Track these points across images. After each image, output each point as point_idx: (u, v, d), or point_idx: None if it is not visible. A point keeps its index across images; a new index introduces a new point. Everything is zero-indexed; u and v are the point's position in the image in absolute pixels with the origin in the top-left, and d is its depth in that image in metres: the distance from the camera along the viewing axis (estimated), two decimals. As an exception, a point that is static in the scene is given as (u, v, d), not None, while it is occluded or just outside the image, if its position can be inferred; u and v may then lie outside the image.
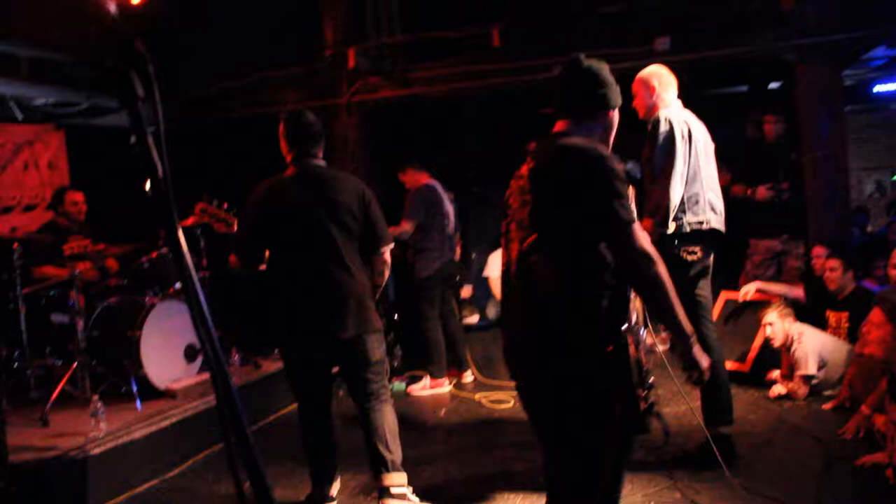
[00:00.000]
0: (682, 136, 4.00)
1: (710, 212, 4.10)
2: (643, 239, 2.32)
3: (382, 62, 7.21)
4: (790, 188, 6.17)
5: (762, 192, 6.24)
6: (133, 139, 1.41)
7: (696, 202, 4.04)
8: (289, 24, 7.38)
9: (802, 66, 6.12)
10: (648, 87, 4.22)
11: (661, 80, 4.24)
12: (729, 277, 6.71)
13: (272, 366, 6.02)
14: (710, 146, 4.24)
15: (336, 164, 7.06)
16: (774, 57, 6.26)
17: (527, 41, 6.62)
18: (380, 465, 3.77)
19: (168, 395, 5.22)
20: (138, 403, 4.99)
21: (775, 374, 5.49)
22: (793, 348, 5.27)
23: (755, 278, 6.20)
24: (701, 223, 4.05)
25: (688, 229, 4.02)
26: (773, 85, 9.26)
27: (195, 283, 1.39)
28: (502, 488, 4.09)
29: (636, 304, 2.50)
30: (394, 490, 3.72)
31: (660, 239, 3.88)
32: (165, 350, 5.40)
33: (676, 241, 4.00)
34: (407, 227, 6.10)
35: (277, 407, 5.80)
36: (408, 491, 3.77)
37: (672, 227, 3.98)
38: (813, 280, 5.92)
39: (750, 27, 6.13)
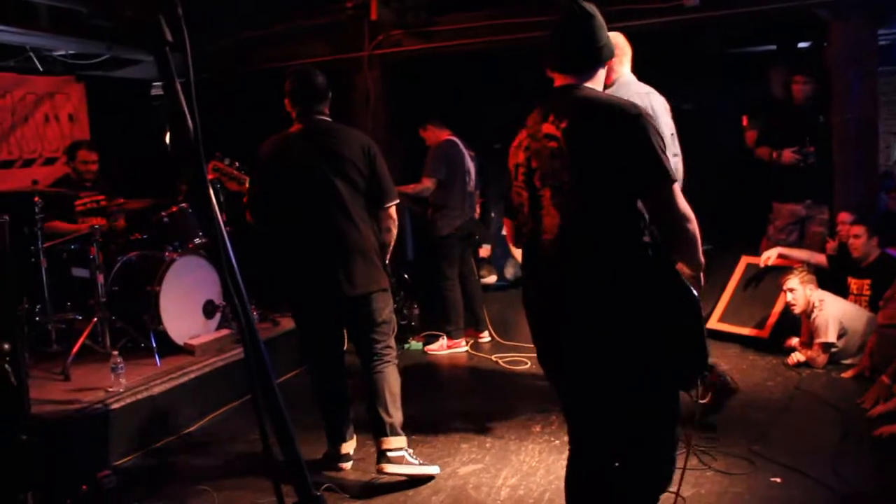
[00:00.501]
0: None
1: None
2: (682, 198, 2.30)
3: (406, 15, 7.09)
4: (816, 152, 6.05)
5: (788, 155, 6.12)
6: (162, 88, 1.35)
7: None
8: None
9: (837, 23, 5.94)
10: None
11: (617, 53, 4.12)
12: (750, 241, 6.65)
13: (290, 323, 6.02)
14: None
15: (356, 119, 7.02)
16: (808, 13, 6.09)
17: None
18: (379, 429, 3.78)
19: (186, 350, 5.25)
20: (157, 359, 5.03)
21: (794, 341, 5.45)
22: (813, 315, 5.22)
23: (777, 243, 6.12)
24: None
25: None
26: (803, 45, 9.07)
27: (224, 236, 1.37)
28: (518, 448, 4.12)
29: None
30: (391, 454, 3.74)
31: None
32: (184, 306, 5.42)
33: None
34: (428, 183, 6.05)
35: (296, 363, 5.81)
36: (407, 454, 3.77)
37: None
38: (836, 246, 5.84)
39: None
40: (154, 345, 5.09)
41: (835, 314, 5.17)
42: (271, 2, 7.26)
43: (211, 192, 1.40)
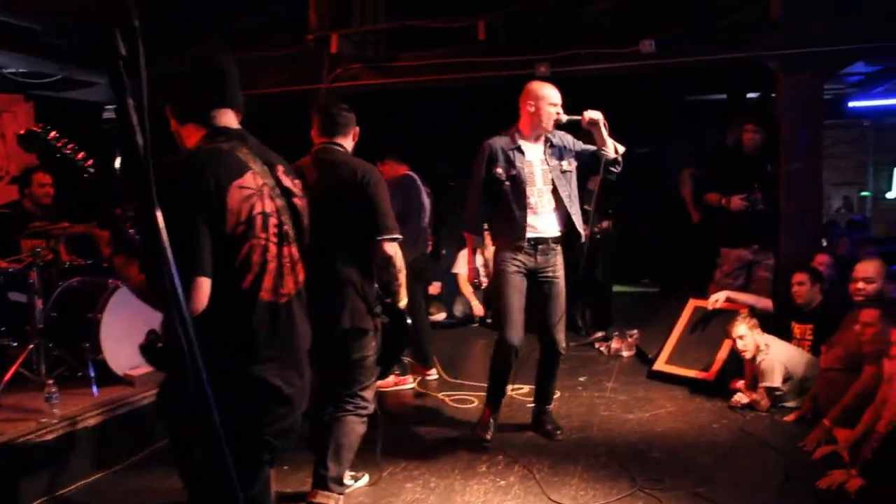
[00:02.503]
0: None
1: None
2: None
3: (365, 49, 7.13)
4: (764, 199, 6.19)
5: (736, 201, 6.25)
6: (114, 105, 1.29)
7: None
8: (274, 5, 7.27)
9: (786, 76, 6.13)
10: None
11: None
12: (698, 285, 6.75)
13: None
14: None
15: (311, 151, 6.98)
16: (759, 65, 6.27)
17: (513, 36, 6.57)
18: (314, 477, 3.72)
19: (126, 381, 5.08)
20: (95, 389, 4.86)
21: (739, 383, 5.50)
22: (759, 359, 5.28)
23: (724, 287, 6.22)
24: None
25: None
26: (752, 95, 9.34)
27: (170, 263, 1.32)
28: (464, 489, 4.05)
29: None
30: None
31: None
32: (126, 335, 5.24)
33: None
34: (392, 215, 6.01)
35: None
36: None
37: None
38: (781, 292, 5.95)
39: (736, 34, 6.13)
40: (92, 374, 4.91)
41: (780, 358, 5.23)
42: (231, 30, 7.22)
43: (159, 215, 1.34)
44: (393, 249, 3.70)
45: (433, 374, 6.34)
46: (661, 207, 7.55)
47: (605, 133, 4.46)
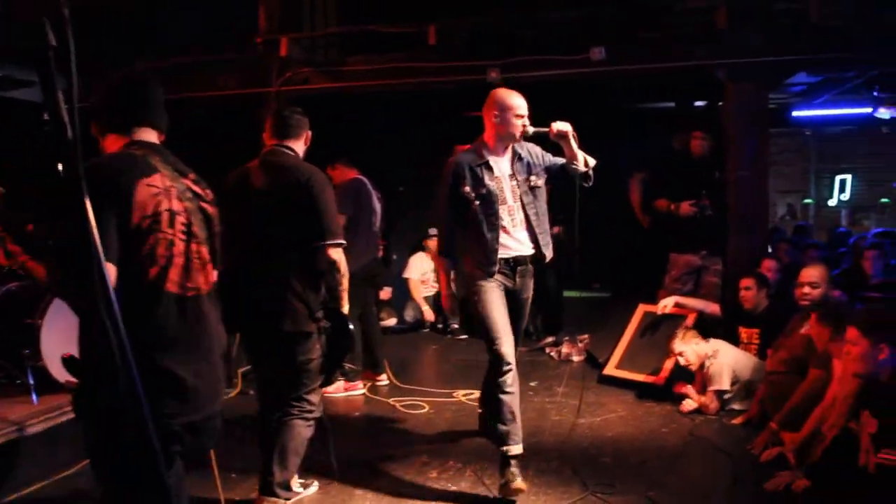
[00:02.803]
0: None
1: None
2: None
3: (315, 53, 7.06)
4: (712, 205, 6.27)
5: (685, 207, 6.33)
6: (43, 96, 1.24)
7: None
8: (223, 8, 7.16)
9: (732, 84, 6.24)
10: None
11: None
12: (647, 291, 6.81)
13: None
14: None
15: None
16: (707, 74, 6.37)
17: (463, 42, 6.57)
18: (262, 482, 3.70)
19: (67, 389, 4.94)
20: (34, 397, 4.72)
21: (686, 388, 5.54)
22: (707, 364, 5.33)
23: (673, 292, 6.28)
24: None
25: None
26: (699, 103, 9.48)
27: (102, 265, 1.27)
28: (415, 494, 4.01)
29: None
30: None
31: None
32: (67, 341, 5.10)
33: None
34: (338, 220, 5.94)
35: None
36: None
37: None
38: (729, 297, 6.03)
39: (685, 44, 6.22)
40: (32, 382, 4.77)
41: (728, 362, 5.30)
42: (179, 32, 7.11)
43: (92, 215, 1.29)
44: (337, 254, 3.63)
45: (384, 380, 6.29)
46: (613, 213, 7.60)
47: (574, 145, 4.12)
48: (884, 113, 9.65)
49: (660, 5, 6.48)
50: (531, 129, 4.10)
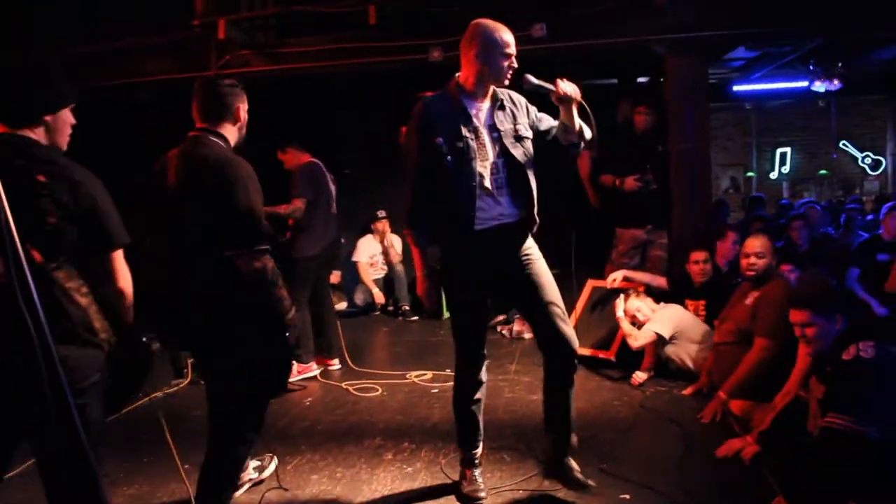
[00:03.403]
0: None
1: None
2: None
3: (254, 35, 6.93)
4: (656, 179, 6.34)
5: (630, 182, 6.38)
6: None
7: None
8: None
9: (672, 59, 6.30)
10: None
11: None
12: (595, 266, 6.86)
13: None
14: None
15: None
16: (646, 49, 6.41)
17: (404, 20, 6.51)
18: None
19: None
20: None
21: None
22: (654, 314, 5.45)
23: (620, 267, 6.34)
24: None
25: None
26: (641, 80, 9.56)
27: (22, 263, 1.22)
28: (370, 478, 4.00)
29: None
30: None
31: None
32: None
33: None
34: (299, 203, 5.86)
35: (136, 397, 5.49)
36: None
37: None
38: (675, 269, 6.12)
39: (624, 19, 6.25)
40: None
41: (671, 315, 5.42)
42: (114, 16, 6.91)
43: (6, 206, 1.24)
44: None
45: (336, 364, 6.25)
46: (560, 190, 7.64)
47: (575, 112, 3.47)
48: (819, 86, 9.86)
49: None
50: (534, 80, 3.46)
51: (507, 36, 3.41)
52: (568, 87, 3.42)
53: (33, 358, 1.27)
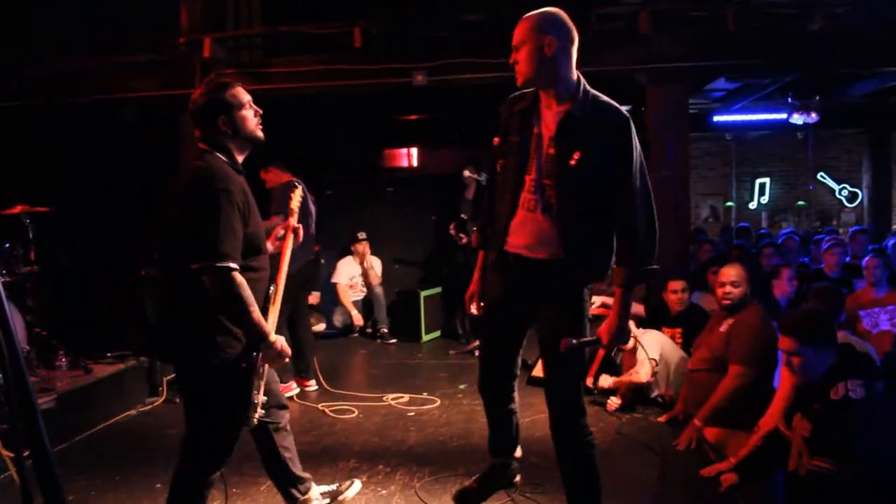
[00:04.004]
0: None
1: None
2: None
3: (240, 54, 6.96)
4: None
5: (609, 209, 6.42)
6: None
7: None
8: (145, 6, 7.00)
9: (653, 88, 6.37)
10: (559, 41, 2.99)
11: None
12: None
13: (104, 370, 5.65)
14: None
15: (185, 157, 6.76)
16: (629, 77, 6.49)
17: (389, 44, 6.56)
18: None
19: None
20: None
21: (609, 381, 5.60)
22: (637, 341, 5.45)
23: (599, 293, 6.36)
24: None
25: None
26: (624, 108, 9.65)
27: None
28: (344, 499, 3.97)
29: None
30: None
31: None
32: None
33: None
34: (276, 220, 5.86)
35: (110, 414, 5.45)
36: None
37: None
38: (653, 297, 6.15)
39: (607, 48, 6.33)
40: None
41: (655, 339, 5.44)
42: (100, 32, 6.92)
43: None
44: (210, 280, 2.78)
45: (312, 385, 6.22)
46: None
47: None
48: (797, 119, 9.99)
49: (584, 9, 6.57)
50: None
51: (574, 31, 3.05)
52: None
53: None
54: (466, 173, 8.12)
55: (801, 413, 3.35)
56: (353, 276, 8.92)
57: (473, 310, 3.59)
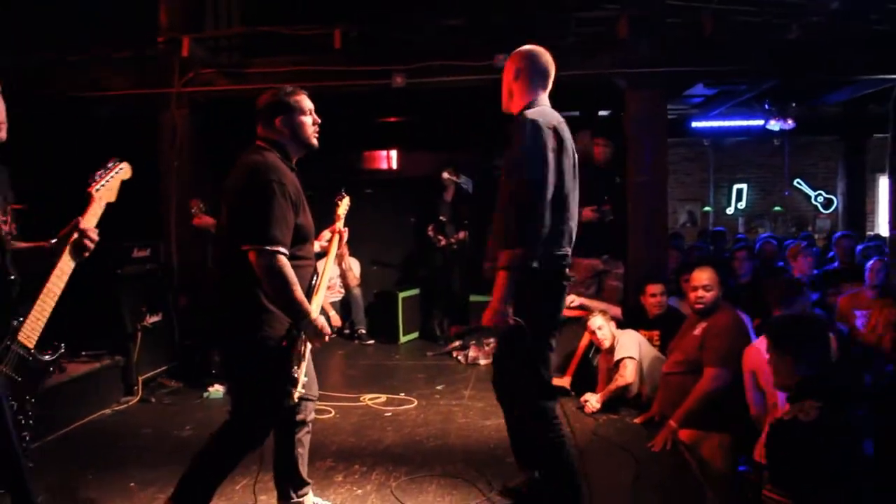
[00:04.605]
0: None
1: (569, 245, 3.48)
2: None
3: (219, 54, 6.93)
4: (613, 210, 6.43)
5: (587, 213, 6.45)
6: None
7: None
8: (123, 2, 6.95)
9: (632, 92, 6.41)
10: (529, 72, 3.55)
11: (549, 70, 3.61)
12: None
13: (78, 368, 5.60)
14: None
15: (163, 157, 6.74)
16: (608, 81, 6.53)
17: (369, 46, 6.57)
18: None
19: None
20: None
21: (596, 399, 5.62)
22: (616, 341, 5.47)
23: (577, 296, 6.40)
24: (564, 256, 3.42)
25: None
26: (603, 113, 9.73)
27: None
28: (320, 498, 3.97)
29: None
30: None
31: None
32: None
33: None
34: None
35: (85, 413, 5.41)
36: None
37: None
38: (630, 299, 6.20)
39: (587, 52, 6.37)
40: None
41: (634, 338, 5.46)
42: (78, 28, 6.86)
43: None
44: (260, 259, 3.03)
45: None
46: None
47: None
48: (774, 125, 10.10)
49: (563, 13, 6.61)
50: None
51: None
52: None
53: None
54: (445, 175, 8.16)
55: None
56: (331, 277, 8.91)
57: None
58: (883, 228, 13.13)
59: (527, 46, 3.61)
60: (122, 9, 6.86)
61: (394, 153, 9.36)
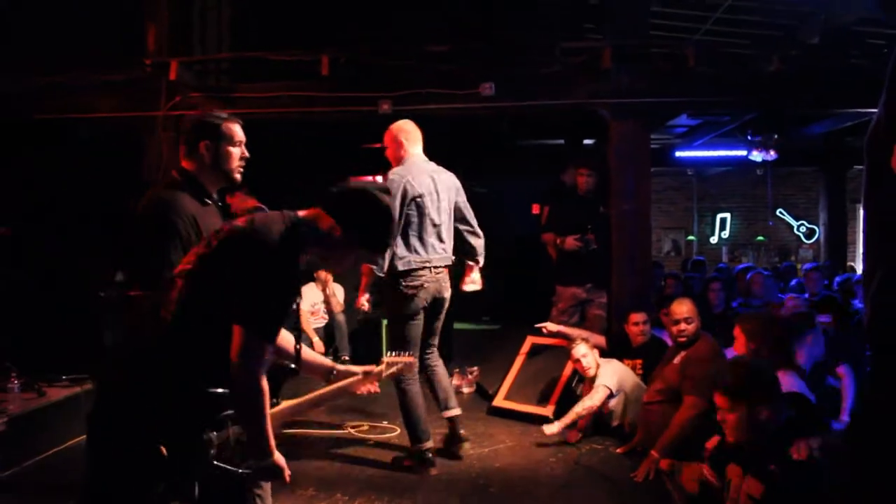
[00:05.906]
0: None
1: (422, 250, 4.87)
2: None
3: (207, 78, 6.93)
4: (597, 239, 6.47)
5: (570, 242, 6.51)
6: None
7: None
8: (109, 25, 6.95)
9: (615, 122, 6.46)
10: (396, 142, 4.92)
11: (409, 136, 4.92)
12: (535, 322, 6.92)
13: (58, 392, 5.54)
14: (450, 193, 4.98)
15: (148, 179, 6.71)
16: (591, 111, 6.58)
17: (356, 72, 6.59)
18: None
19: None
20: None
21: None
22: (597, 372, 5.47)
23: (560, 325, 6.42)
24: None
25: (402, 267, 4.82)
26: (588, 141, 9.82)
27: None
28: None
29: None
30: None
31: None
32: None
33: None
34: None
35: (63, 438, 5.34)
36: None
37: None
38: (614, 328, 6.21)
39: (571, 82, 6.42)
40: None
41: (615, 369, 5.46)
42: (62, 48, 6.85)
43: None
44: None
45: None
46: (500, 246, 7.76)
47: None
48: (756, 156, 10.19)
49: (546, 43, 6.67)
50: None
51: None
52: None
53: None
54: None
55: (752, 473, 3.17)
56: (314, 302, 8.87)
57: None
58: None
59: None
60: (110, 32, 6.87)
61: (379, 179, 9.38)
